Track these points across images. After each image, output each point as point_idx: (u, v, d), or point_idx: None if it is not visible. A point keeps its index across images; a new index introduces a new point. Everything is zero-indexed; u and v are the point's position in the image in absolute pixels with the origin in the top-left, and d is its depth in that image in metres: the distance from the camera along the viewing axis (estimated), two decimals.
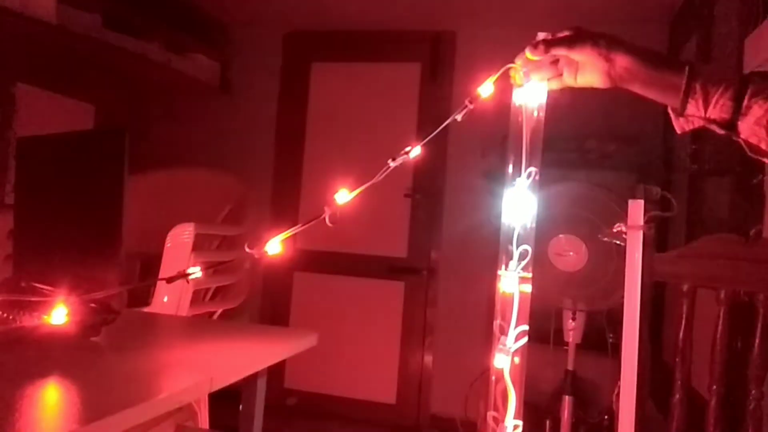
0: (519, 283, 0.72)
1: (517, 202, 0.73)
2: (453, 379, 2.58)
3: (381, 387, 2.76)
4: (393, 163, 0.72)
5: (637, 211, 1.06)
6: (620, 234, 1.07)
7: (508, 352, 0.70)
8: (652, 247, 1.07)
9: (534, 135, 0.74)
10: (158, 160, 2.84)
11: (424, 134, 0.73)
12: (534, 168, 0.73)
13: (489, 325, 0.74)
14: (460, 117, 0.73)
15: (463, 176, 2.67)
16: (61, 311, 0.84)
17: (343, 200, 0.71)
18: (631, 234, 1.06)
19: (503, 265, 0.73)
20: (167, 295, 1.41)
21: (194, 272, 0.76)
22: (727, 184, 1.57)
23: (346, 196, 0.71)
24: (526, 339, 0.73)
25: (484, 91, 0.72)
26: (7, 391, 0.64)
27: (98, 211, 0.97)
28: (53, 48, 2.21)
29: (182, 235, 1.42)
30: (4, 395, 0.62)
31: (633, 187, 1.08)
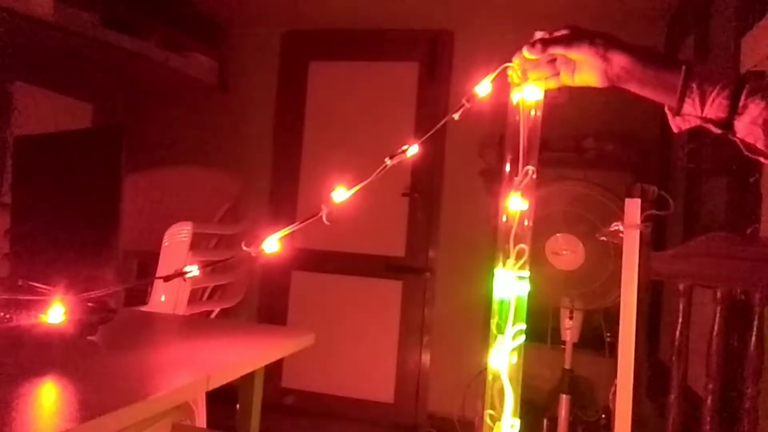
0: (516, 282, 0.72)
1: (515, 201, 0.73)
2: (451, 379, 2.58)
3: (379, 386, 2.76)
4: (390, 162, 0.72)
5: (633, 210, 1.06)
6: (617, 233, 1.07)
7: (505, 350, 0.71)
8: (649, 245, 1.07)
9: (531, 134, 0.74)
10: (156, 159, 2.84)
11: (422, 133, 0.73)
12: (531, 167, 0.73)
13: (487, 324, 0.75)
14: (458, 116, 0.73)
15: (461, 175, 2.68)
16: (58, 310, 0.84)
17: (340, 198, 0.71)
18: (627, 233, 1.06)
19: (500, 263, 0.73)
20: (164, 294, 1.41)
21: (191, 271, 0.76)
22: (725, 183, 1.57)
23: (343, 194, 0.71)
24: (523, 338, 0.73)
25: (481, 90, 0.73)
26: (4, 389, 0.64)
27: (95, 210, 0.97)
28: (51, 46, 2.20)
29: (180, 233, 1.42)
30: (1, 394, 0.62)
31: (630, 186, 1.08)
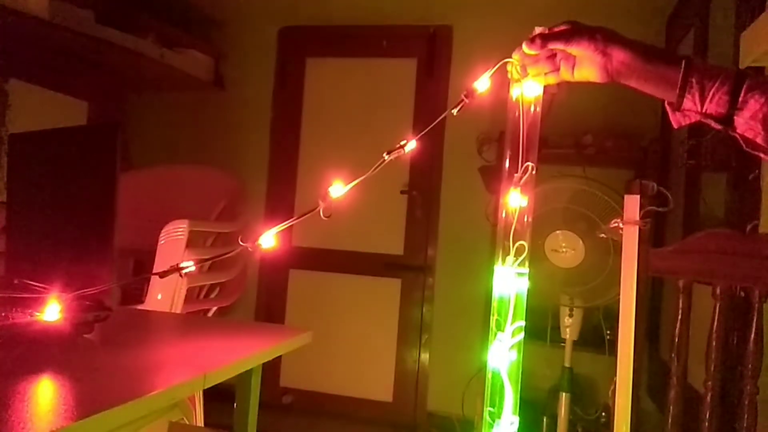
0: (516, 279, 0.71)
1: (514, 198, 0.72)
2: (450, 377, 2.58)
3: (378, 385, 2.76)
4: (388, 157, 0.71)
5: (633, 207, 1.06)
6: (617, 230, 1.07)
7: (504, 347, 0.70)
8: (649, 242, 1.07)
9: (531, 130, 0.74)
10: (152, 156, 2.84)
11: (420, 130, 0.72)
12: (531, 163, 0.73)
13: (486, 322, 0.74)
14: (456, 111, 0.73)
15: (459, 173, 2.67)
16: (53, 308, 0.83)
17: (338, 193, 0.71)
18: (627, 229, 1.05)
19: (500, 260, 0.73)
20: (161, 292, 1.40)
21: (187, 266, 0.76)
22: (724, 179, 1.57)
23: (341, 189, 0.71)
24: (522, 335, 0.72)
25: (480, 86, 0.72)
26: (1, 387, 0.63)
27: (91, 207, 0.97)
28: (46, 44, 2.19)
29: (176, 231, 1.41)
30: None
31: (629, 183, 1.08)
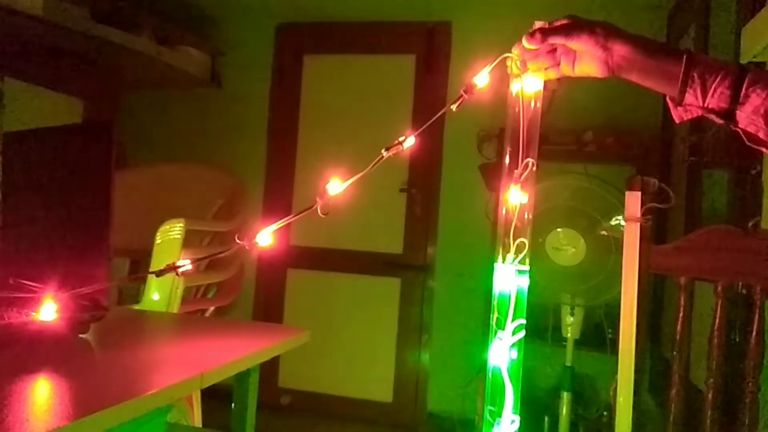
0: (516, 277, 0.71)
1: (514, 194, 0.72)
2: (450, 377, 2.58)
3: (377, 385, 2.75)
4: (386, 154, 0.71)
5: (634, 203, 1.05)
6: (618, 227, 1.06)
7: (505, 345, 0.69)
8: (650, 239, 1.06)
9: (531, 126, 0.73)
10: (148, 155, 2.82)
11: (419, 127, 0.71)
12: (531, 159, 0.72)
13: (486, 321, 0.73)
14: (456, 107, 0.72)
15: (459, 170, 2.66)
16: (49, 308, 0.82)
17: (335, 191, 0.70)
18: (628, 226, 1.05)
19: (500, 257, 0.72)
20: (157, 292, 1.39)
21: (183, 265, 0.75)
22: (726, 176, 1.57)
23: (338, 186, 0.70)
24: (523, 333, 0.72)
25: (479, 81, 0.71)
26: None
27: (86, 206, 0.96)
28: (41, 42, 2.17)
29: (172, 231, 1.40)
30: None
31: (631, 179, 1.07)
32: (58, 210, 1.03)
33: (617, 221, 1.07)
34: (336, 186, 0.70)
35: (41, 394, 0.66)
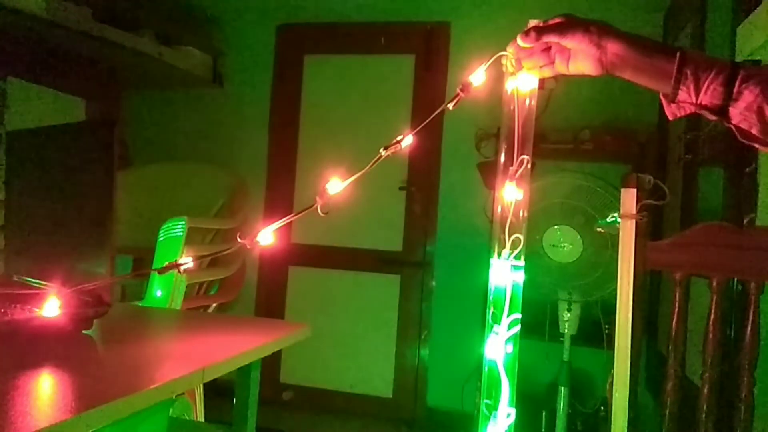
0: (511, 272, 0.72)
1: (509, 190, 0.73)
2: (450, 372, 2.59)
3: (377, 380, 2.76)
4: (385, 153, 0.71)
5: (629, 200, 1.06)
6: (614, 224, 1.07)
7: (500, 340, 0.70)
8: (645, 235, 1.07)
9: (526, 123, 0.74)
10: (151, 154, 2.84)
11: (418, 126, 0.72)
12: (526, 156, 0.73)
13: (485, 317, 0.74)
14: (453, 106, 0.73)
15: (458, 169, 2.67)
16: (53, 304, 0.83)
17: (335, 190, 0.71)
18: (623, 222, 1.06)
19: (496, 253, 0.73)
20: (160, 289, 1.40)
21: (186, 263, 0.76)
22: (721, 173, 1.57)
23: (338, 185, 0.71)
24: (519, 327, 0.73)
25: (475, 80, 0.72)
26: (1, 382, 0.64)
27: (89, 203, 0.97)
28: (44, 42, 2.19)
29: (175, 229, 1.41)
30: None
31: (626, 176, 1.08)
32: (62, 208, 1.04)
33: (613, 218, 1.07)
34: (335, 185, 0.71)
35: (44, 388, 0.67)
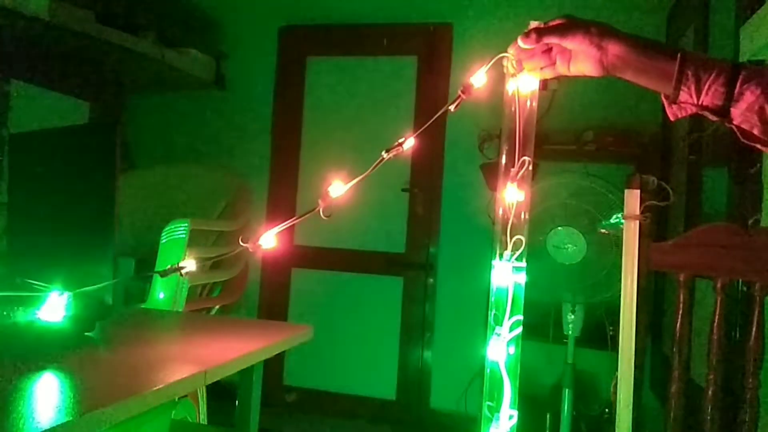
0: (513, 274, 0.71)
1: (511, 192, 0.72)
2: (453, 374, 2.58)
3: (381, 383, 2.76)
4: (387, 155, 0.71)
5: (633, 201, 1.06)
6: (618, 225, 1.07)
7: (502, 341, 0.70)
8: (649, 236, 1.07)
9: (527, 124, 0.73)
10: (153, 156, 2.84)
11: (421, 128, 0.72)
12: (527, 157, 0.73)
13: (488, 319, 0.74)
14: (454, 108, 0.73)
15: (461, 170, 2.67)
16: (55, 306, 0.84)
17: (337, 193, 0.71)
18: (627, 223, 1.05)
19: (498, 255, 0.73)
20: (163, 291, 1.41)
21: (188, 265, 0.76)
22: (726, 174, 1.57)
23: (341, 188, 0.71)
24: (521, 329, 0.72)
25: (476, 82, 0.72)
26: (3, 384, 0.64)
27: (91, 206, 0.97)
28: (47, 44, 2.20)
29: (177, 230, 1.41)
30: (0, 389, 0.62)
31: (630, 177, 1.08)
32: (64, 210, 1.04)
33: (617, 219, 1.07)
34: (338, 188, 0.71)
35: (46, 390, 0.67)
